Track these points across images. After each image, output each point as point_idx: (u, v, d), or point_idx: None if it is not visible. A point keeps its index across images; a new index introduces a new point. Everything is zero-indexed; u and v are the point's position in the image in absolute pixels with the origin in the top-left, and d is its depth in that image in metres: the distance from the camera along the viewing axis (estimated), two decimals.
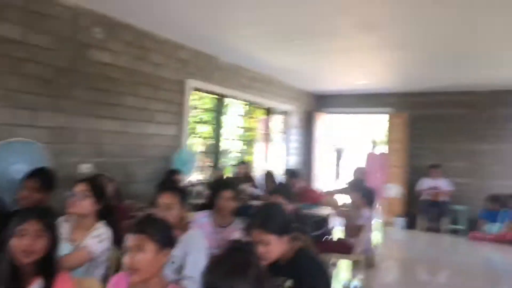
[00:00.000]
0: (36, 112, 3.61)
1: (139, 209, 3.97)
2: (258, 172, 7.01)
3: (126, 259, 1.66)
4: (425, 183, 7.75)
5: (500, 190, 7.43)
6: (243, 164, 6.12)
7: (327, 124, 9.28)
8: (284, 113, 8.16)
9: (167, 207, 2.40)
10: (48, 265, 1.84)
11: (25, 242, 1.78)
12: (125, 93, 4.49)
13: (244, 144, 7.33)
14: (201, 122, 6.40)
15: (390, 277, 5.22)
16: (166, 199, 2.43)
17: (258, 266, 1.43)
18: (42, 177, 2.90)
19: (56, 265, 1.89)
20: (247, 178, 5.83)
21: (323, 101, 9.33)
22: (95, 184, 2.48)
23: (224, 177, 5.52)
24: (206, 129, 6.67)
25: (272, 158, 7.80)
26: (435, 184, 7.66)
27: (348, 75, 7.12)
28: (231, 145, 7.14)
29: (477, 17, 3.91)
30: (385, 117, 8.65)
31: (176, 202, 2.44)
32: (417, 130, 8.28)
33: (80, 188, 2.41)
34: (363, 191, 4.59)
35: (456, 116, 8.11)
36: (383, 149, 8.66)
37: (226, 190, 3.01)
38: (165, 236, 1.75)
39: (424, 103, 8.36)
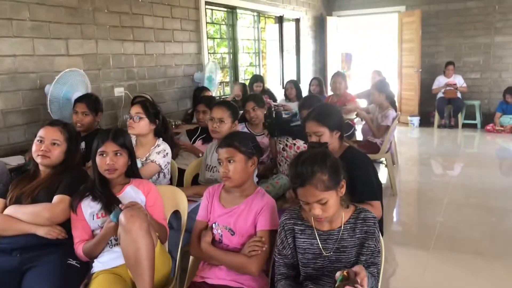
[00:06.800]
0: (67, 41, 3.65)
1: (175, 126, 4.16)
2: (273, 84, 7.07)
3: (221, 170, 1.83)
4: (441, 81, 7.78)
5: None
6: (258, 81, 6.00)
7: (338, 29, 9.09)
8: (296, 20, 7.99)
9: (220, 120, 2.57)
10: (132, 175, 2.05)
11: (107, 162, 1.90)
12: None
13: (257, 56, 7.28)
14: (215, 38, 6.30)
15: (411, 173, 5.51)
16: (218, 113, 2.59)
17: (334, 157, 1.62)
18: (88, 102, 3.01)
19: (138, 172, 2.11)
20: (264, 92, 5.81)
21: (332, 4, 9.06)
22: (147, 105, 2.58)
23: (247, 91, 5.59)
24: (220, 45, 6.60)
25: (286, 68, 7.79)
26: (451, 81, 7.69)
27: None
28: (246, 59, 7.10)
29: None
30: (395, 18, 8.42)
31: (227, 116, 2.60)
32: (430, 27, 8.09)
33: (135, 110, 2.53)
34: (386, 92, 4.63)
35: (470, 10, 7.88)
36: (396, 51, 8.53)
37: (248, 102, 3.39)
38: (251, 147, 1.88)
39: None
